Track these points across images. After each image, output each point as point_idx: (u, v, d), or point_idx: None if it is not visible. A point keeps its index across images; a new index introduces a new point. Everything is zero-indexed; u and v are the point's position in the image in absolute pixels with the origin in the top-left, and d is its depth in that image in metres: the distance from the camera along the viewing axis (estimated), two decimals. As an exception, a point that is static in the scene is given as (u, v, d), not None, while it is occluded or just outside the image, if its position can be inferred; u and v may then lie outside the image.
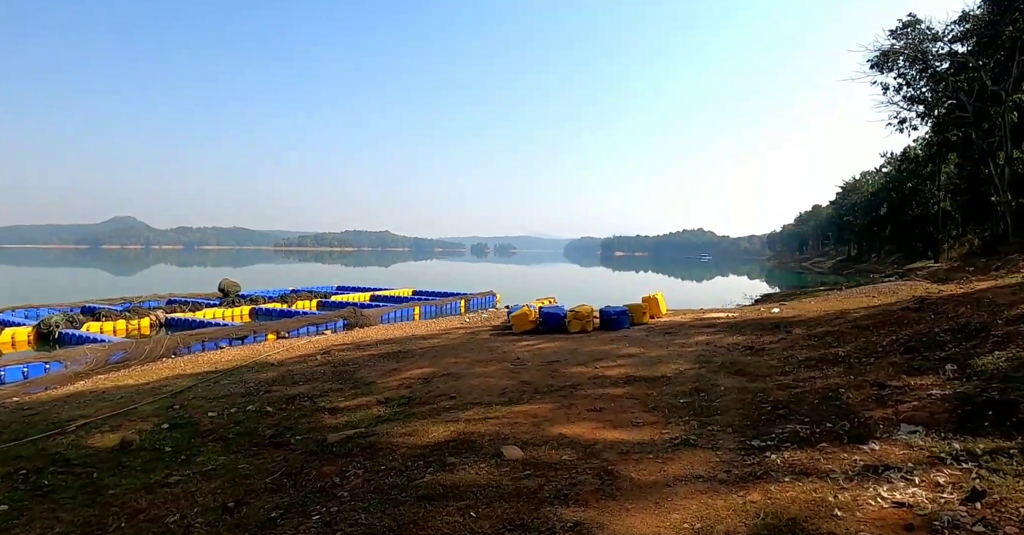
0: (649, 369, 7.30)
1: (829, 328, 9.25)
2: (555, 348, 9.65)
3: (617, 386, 6.52)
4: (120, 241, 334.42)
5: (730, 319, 11.98)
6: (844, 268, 75.53)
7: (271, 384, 9.18)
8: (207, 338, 17.53)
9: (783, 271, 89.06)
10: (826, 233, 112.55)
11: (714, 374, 6.71)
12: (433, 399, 6.80)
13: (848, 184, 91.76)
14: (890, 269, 57.49)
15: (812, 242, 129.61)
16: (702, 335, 9.96)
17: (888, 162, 76.42)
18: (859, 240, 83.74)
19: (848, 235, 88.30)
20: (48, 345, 18.81)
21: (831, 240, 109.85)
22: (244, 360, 12.28)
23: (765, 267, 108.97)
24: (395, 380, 8.38)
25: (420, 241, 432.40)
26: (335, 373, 9.42)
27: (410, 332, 13.66)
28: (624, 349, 9.05)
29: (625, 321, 11.94)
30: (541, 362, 8.46)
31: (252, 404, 7.85)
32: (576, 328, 11.66)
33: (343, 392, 8.09)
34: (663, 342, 9.56)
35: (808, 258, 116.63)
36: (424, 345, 11.28)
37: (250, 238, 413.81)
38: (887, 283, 18.67)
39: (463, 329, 13.52)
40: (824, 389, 5.53)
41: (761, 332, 9.71)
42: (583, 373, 7.41)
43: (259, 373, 10.32)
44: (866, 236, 78.16)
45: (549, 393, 6.45)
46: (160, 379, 11.00)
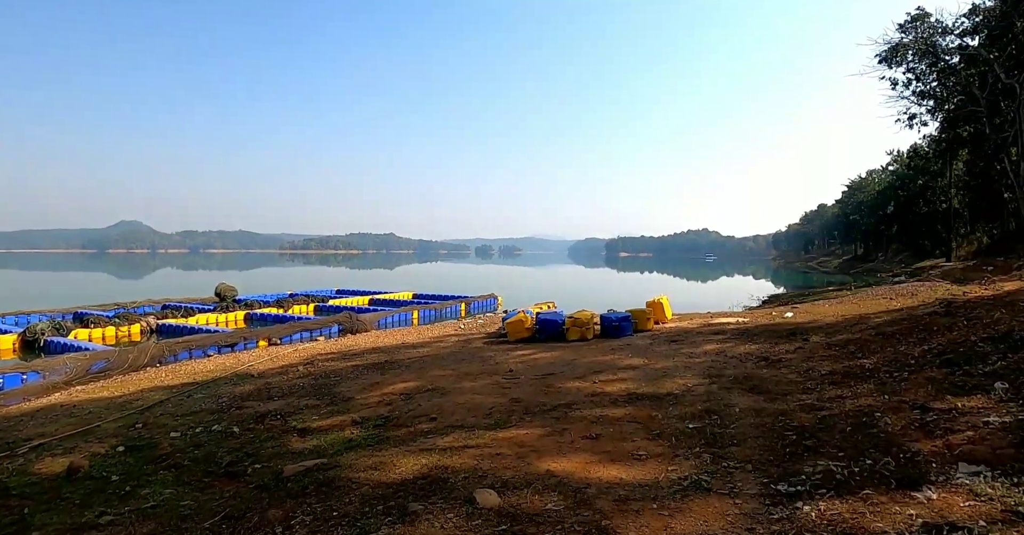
0: (653, 385, 6.55)
1: (850, 336, 8.48)
2: (551, 359, 8.92)
3: (617, 405, 5.78)
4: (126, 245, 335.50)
5: (740, 325, 11.21)
6: (851, 267, 74.57)
7: (245, 399, 8.50)
8: (195, 346, 16.87)
9: (789, 271, 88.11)
10: (832, 232, 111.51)
11: (727, 391, 5.96)
12: (411, 420, 6.08)
13: (854, 183, 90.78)
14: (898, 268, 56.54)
15: (818, 241, 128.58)
16: (711, 343, 9.20)
17: (895, 160, 75.45)
18: (866, 239, 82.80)
19: (854, 234, 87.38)
20: (34, 353, 18.21)
21: (837, 239, 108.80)
22: (225, 371, 11.62)
23: (770, 267, 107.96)
24: (376, 396, 7.67)
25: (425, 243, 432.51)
26: (315, 387, 8.73)
27: (401, 340, 12.95)
28: (626, 360, 8.30)
29: (628, 328, 11.17)
30: (535, 375, 7.73)
31: (220, 423, 7.18)
32: (575, 336, 10.89)
33: (318, 409, 7.39)
34: (669, 352, 8.80)
35: (814, 257, 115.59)
36: (413, 355, 10.56)
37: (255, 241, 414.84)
38: (904, 284, 17.85)
39: (457, 336, 12.79)
40: (856, 412, 4.78)
41: (775, 340, 8.93)
42: (580, 389, 6.67)
43: (236, 386, 9.64)
44: (873, 235, 77.25)
45: (540, 414, 5.71)
46: (135, 392, 10.36)
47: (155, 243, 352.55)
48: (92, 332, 20.37)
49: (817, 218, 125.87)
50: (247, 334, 18.45)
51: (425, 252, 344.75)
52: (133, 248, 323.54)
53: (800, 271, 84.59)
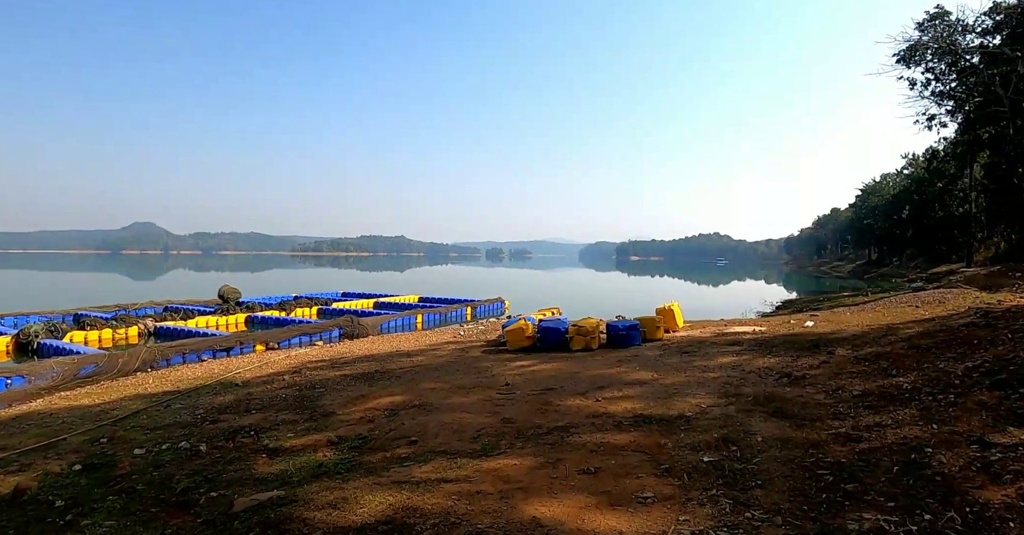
0: (663, 404, 5.85)
1: (880, 349, 7.73)
2: (552, 371, 8.22)
3: (621, 430, 5.09)
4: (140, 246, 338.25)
5: (757, 335, 10.45)
6: (865, 272, 73.35)
7: (222, 411, 7.91)
8: (188, 350, 16.33)
9: (801, 276, 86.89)
10: (845, 237, 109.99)
11: (746, 414, 5.25)
12: (390, 442, 5.43)
13: (868, 186, 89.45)
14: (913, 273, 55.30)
15: (831, 246, 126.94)
16: (726, 356, 8.46)
17: (910, 163, 74.13)
18: (879, 244, 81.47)
19: (868, 239, 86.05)
20: (27, 356, 17.78)
21: (850, 244, 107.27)
22: (211, 378, 11.04)
23: (782, 272, 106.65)
24: (359, 411, 7.03)
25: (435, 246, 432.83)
26: (297, 398, 8.11)
27: (396, 347, 12.29)
28: (633, 374, 7.59)
29: (636, 337, 10.42)
30: (532, 390, 7.05)
31: (189, 439, 6.59)
32: (579, 346, 10.15)
33: (296, 425, 6.77)
34: (680, 365, 8.08)
35: (827, 262, 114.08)
36: (406, 364, 9.91)
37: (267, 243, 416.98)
38: (928, 291, 16.99)
39: (454, 344, 12.12)
40: (901, 445, 4.06)
41: (797, 353, 8.19)
42: (581, 408, 5.98)
43: (217, 396, 9.05)
44: (887, 239, 76.03)
45: (533, 439, 5.03)
46: (115, 400, 9.80)
47: (168, 244, 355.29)
48: (88, 335, 19.93)
49: (830, 222, 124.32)
50: (243, 338, 17.90)
51: (435, 255, 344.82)
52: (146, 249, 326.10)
53: (812, 276, 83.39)
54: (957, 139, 42.41)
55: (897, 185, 77.23)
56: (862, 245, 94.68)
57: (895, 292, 31.86)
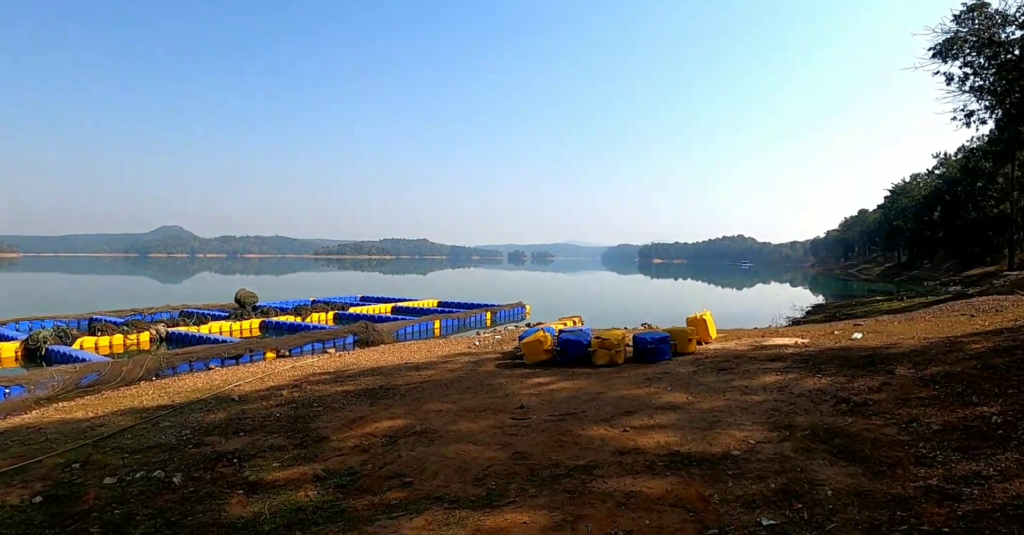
0: (703, 438, 4.97)
1: (948, 368, 6.75)
2: (572, 390, 7.37)
3: (654, 473, 4.23)
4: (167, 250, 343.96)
5: (801, 348, 9.48)
6: (894, 275, 71.36)
7: (209, 432, 7.22)
8: (195, 357, 15.76)
9: (827, 279, 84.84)
10: (873, 239, 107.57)
11: (806, 455, 4.35)
12: (382, 483, 4.63)
13: (897, 187, 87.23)
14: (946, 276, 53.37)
15: (858, 248, 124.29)
16: (769, 374, 7.52)
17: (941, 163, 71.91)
18: (909, 246, 79.36)
19: (898, 241, 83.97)
20: (35, 362, 17.39)
21: (879, 246, 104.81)
22: (210, 390, 10.39)
23: (808, 274, 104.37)
24: (355, 436, 6.26)
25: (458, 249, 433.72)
26: (291, 419, 7.38)
27: (406, 358, 11.52)
28: (665, 396, 6.71)
29: (666, 351, 9.46)
30: (550, 414, 6.21)
31: (167, 466, 5.91)
32: (603, 360, 9.21)
33: (284, 453, 6.04)
34: (718, 385, 7.17)
35: (854, 265, 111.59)
36: (414, 379, 9.12)
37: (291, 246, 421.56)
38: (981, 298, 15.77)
39: (468, 355, 11.30)
40: (1017, 506, 3.17)
41: (850, 372, 7.23)
42: (605, 440, 5.12)
43: (209, 412, 8.36)
44: (917, 241, 74.00)
45: (549, 483, 4.20)
46: (108, 414, 9.18)
47: (194, 248, 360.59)
48: (99, 340, 19.52)
49: (858, 224, 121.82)
50: (253, 345, 17.29)
51: (458, 258, 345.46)
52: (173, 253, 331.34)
53: (840, 279, 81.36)
54: (995, 136, 40.65)
55: (928, 185, 75.14)
56: (891, 247, 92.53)
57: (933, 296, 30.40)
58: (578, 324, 16.64)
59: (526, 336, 9.96)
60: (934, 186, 70.18)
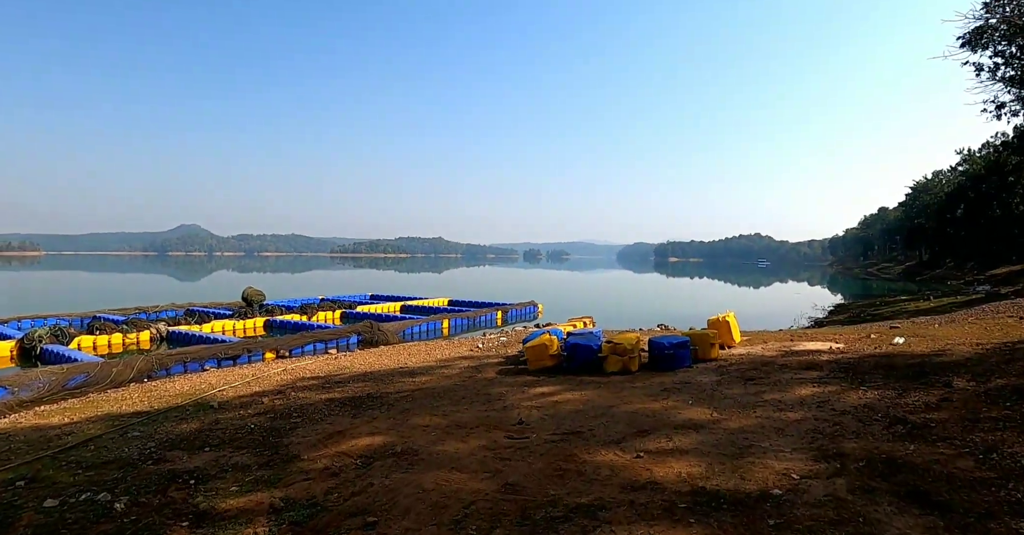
0: (733, 468, 4.09)
1: (1015, 380, 5.79)
2: (579, 403, 6.50)
3: (675, 520, 3.36)
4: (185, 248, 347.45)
5: (836, 354, 8.51)
6: (916, 274, 69.56)
7: (174, 445, 6.49)
8: (190, 358, 15.10)
9: (846, 277, 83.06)
10: (893, 237, 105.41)
11: (866, 497, 3.47)
12: (342, 522, 3.82)
13: (919, 184, 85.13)
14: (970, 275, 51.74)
15: (878, 247, 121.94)
16: (805, 385, 6.59)
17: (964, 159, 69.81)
18: (931, 244, 77.41)
19: (919, 239, 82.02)
20: (30, 362, 16.86)
21: (899, 244, 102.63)
22: (193, 395, 9.69)
23: (827, 273, 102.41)
24: (328, 455, 5.47)
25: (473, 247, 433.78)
26: (265, 432, 6.62)
27: (403, 362, 10.70)
28: (685, 411, 5.82)
29: (685, 357, 8.50)
30: (552, 433, 5.36)
31: (115, 488, 5.20)
32: (615, 367, 8.27)
33: (246, 473, 5.27)
34: (746, 398, 6.26)
35: (874, 264, 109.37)
36: (406, 386, 8.30)
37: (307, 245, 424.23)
38: None
39: (469, 359, 10.45)
40: None
41: (900, 384, 6.29)
42: (615, 468, 4.27)
43: (183, 422, 7.63)
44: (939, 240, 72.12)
45: (544, 528, 3.37)
46: (84, 419, 8.50)
47: (212, 246, 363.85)
48: (98, 339, 18.98)
49: (877, 222, 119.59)
50: (251, 346, 16.60)
51: (473, 256, 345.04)
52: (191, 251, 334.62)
53: (859, 278, 79.58)
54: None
55: (951, 182, 73.06)
56: (912, 246, 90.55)
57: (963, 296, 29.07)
58: (589, 326, 15.53)
59: (530, 339, 9.05)
60: (957, 183, 68.19)
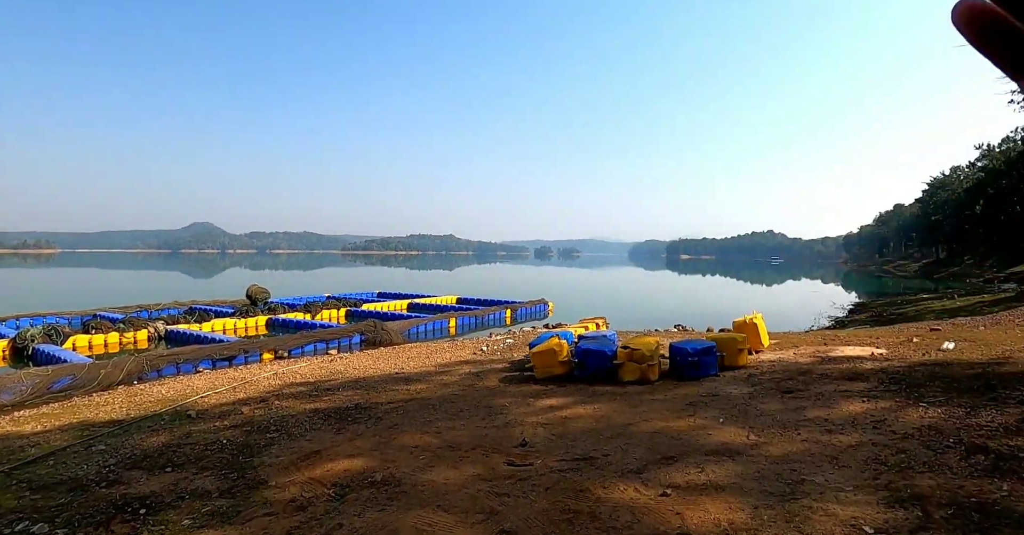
0: (786, 516, 3.26)
1: (1106, 396, 4.92)
2: (592, 419, 5.67)
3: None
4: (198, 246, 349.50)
5: (880, 361, 7.59)
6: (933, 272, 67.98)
7: (136, 464, 5.78)
8: (184, 359, 14.41)
9: (861, 275, 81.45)
10: (910, 234, 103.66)
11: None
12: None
13: (936, 180, 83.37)
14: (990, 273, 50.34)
15: (893, 244, 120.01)
16: (853, 400, 5.70)
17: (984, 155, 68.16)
18: (949, 241, 75.82)
19: (936, 236, 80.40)
20: (23, 362, 16.27)
21: (915, 242, 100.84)
22: (173, 402, 8.96)
23: (841, 271, 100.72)
24: (299, 481, 4.70)
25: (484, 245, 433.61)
26: (237, 449, 5.86)
27: (399, 366, 9.90)
28: (716, 431, 4.97)
29: (712, 364, 7.59)
30: (560, 459, 4.54)
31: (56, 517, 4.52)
32: (632, 376, 7.37)
33: (204, 503, 4.53)
34: (786, 415, 5.39)
35: (890, 261, 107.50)
36: (397, 396, 7.50)
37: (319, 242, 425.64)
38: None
39: (470, 364, 9.62)
40: None
41: (965, 399, 5.40)
42: (636, 510, 3.45)
43: (153, 434, 6.90)
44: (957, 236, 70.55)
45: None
46: (56, 427, 7.82)
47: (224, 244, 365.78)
48: (93, 338, 18.35)
49: (893, 219, 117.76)
50: (248, 346, 15.90)
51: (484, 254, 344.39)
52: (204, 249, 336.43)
53: (874, 276, 77.94)
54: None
55: (970, 178, 71.37)
56: (929, 243, 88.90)
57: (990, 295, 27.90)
58: (602, 327, 14.39)
59: (538, 343, 8.18)
60: (976, 179, 66.56)
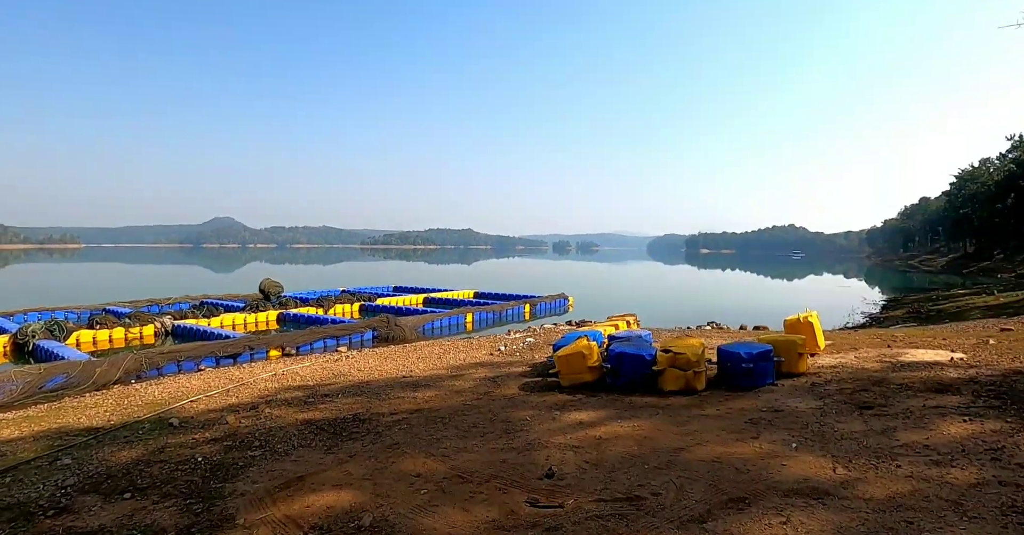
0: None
1: None
2: (633, 441, 4.66)
3: None
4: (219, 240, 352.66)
5: (964, 367, 6.44)
6: (962, 267, 65.75)
7: (94, 487, 4.96)
8: (185, 356, 13.67)
9: (885, 270, 79.19)
10: (936, 228, 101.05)
11: None
12: None
13: (964, 173, 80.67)
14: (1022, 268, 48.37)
15: (919, 238, 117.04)
16: (950, 419, 4.59)
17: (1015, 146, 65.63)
18: (978, 235, 73.37)
19: (964, 230, 77.96)
20: (24, 358, 15.66)
21: (942, 236, 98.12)
22: (160, 407, 8.13)
23: (864, 265, 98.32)
24: (273, 519, 3.79)
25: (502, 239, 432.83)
26: (210, 468, 4.98)
27: (409, 367, 8.96)
28: (791, 462, 3.95)
29: (769, 371, 6.34)
30: (597, 497, 3.56)
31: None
32: (674, 385, 6.21)
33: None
34: (873, 439, 4.32)
35: (915, 256, 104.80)
36: (402, 405, 6.56)
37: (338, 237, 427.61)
38: None
39: (487, 366, 8.63)
40: None
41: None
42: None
43: (125, 446, 6.07)
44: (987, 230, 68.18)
45: None
46: (34, 434, 7.07)
47: (245, 239, 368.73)
48: (97, 334, 17.70)
49: (919, 212, 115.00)
50: (254, 343, 15.11)
51: (502, 248, 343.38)
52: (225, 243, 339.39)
53: (899, 270, 75.69)
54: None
55: (1000, 170, 68.73)
56: (956, 237, 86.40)
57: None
58: (633, 326, 12.33)
59: (563, 344, 7.08)
60: (1007, 171, 64.03)
